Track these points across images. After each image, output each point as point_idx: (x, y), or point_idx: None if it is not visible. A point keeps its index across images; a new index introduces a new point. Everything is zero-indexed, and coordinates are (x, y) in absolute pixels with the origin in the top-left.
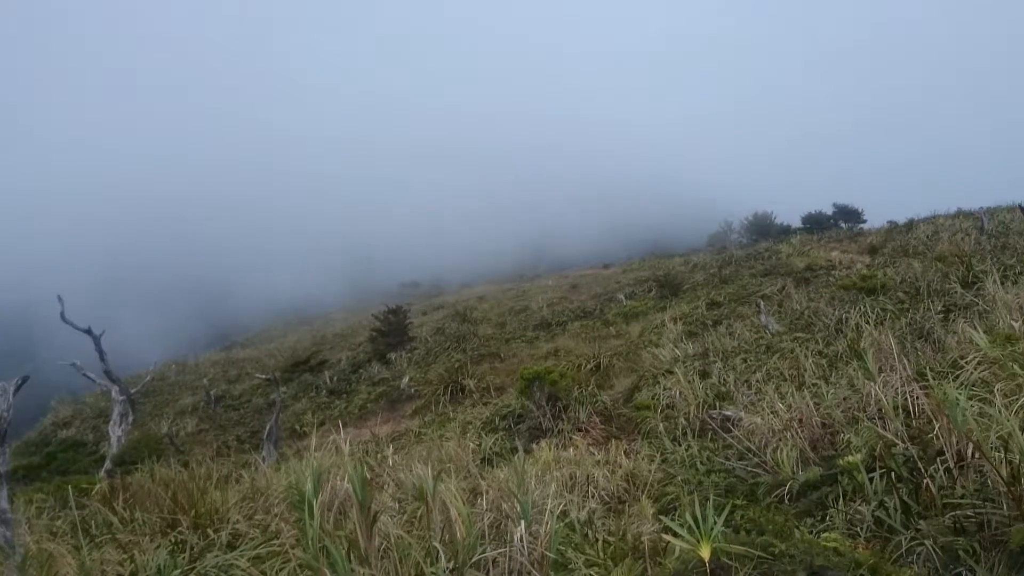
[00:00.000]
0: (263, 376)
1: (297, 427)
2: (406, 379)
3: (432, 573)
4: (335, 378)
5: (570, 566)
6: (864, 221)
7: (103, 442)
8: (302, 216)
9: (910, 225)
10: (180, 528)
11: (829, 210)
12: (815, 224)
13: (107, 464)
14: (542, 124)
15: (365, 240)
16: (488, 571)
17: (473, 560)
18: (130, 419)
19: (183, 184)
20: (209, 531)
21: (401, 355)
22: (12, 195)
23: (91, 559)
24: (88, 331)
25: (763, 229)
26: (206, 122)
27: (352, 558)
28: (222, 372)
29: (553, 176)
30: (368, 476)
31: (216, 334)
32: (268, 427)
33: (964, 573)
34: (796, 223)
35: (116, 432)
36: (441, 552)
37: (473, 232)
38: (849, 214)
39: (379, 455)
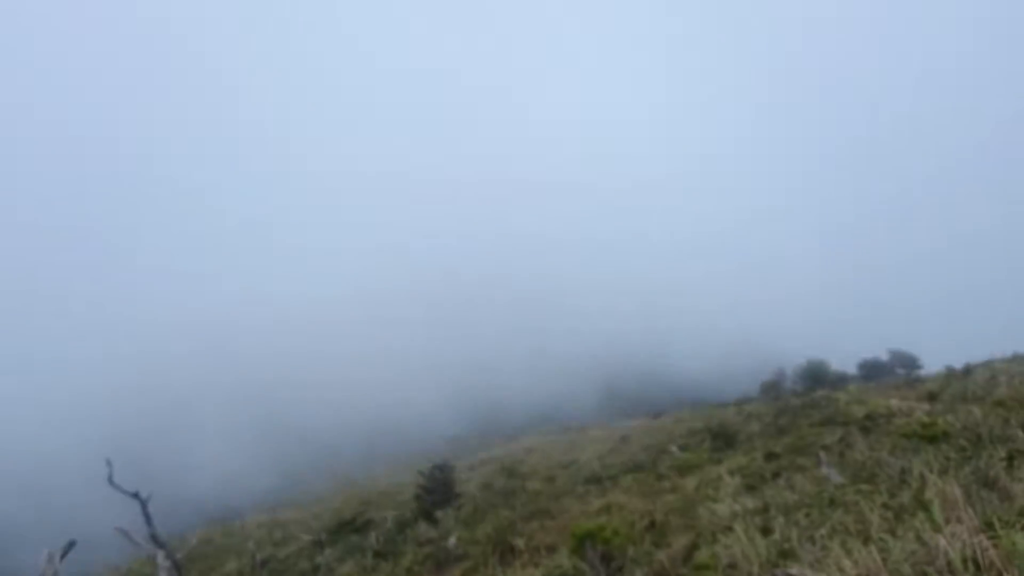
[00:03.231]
0: (308, 538)
1: None
2: (453, 539)
3: None
4: (381, 539)
5: None
6: (920, 367)
7: None
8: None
9: (967, 370)
10: None
11: (884, 355)
12: (871, 371)
13: None
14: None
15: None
16: None
17: None
18: None
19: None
20: None
21: (448, 513)
22: None
23: None
24: (135, 495)
25: (817, 377)
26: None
27: None
28: (267, 534)
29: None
30: None
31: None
32: None
33: None
34: (851, 370)
35: None
36: None
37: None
38: (905, 360)
39: None
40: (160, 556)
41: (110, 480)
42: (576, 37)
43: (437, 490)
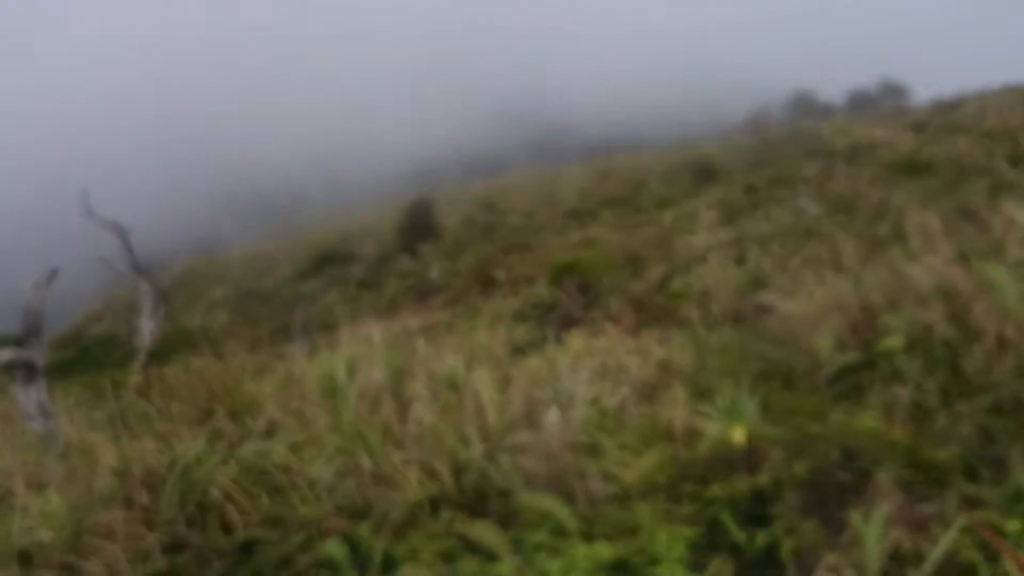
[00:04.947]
0: (292, 269)
1: (328, 320)
2: (435, 271)
3: (466, 457)
4: (364, 271)
5: (602, 450)
6: (910, 97)
7: (136, 336)
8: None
9: (957, 101)
10: (216, 418)
11: (873, 85)
12: (859, 101)
13: (141, 357)
14: None
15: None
16: (521, 455)
17: (506, 444)
18: (162, 312)
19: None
20: (246, 420)
21: (429, 247)
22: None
23: (130, 448)
24: (114, 225)
25: (804, 108)
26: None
27: (387, 443)
28: (252, 266)
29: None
30: (400, 366)
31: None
32: (299, 319)
33: (1001, 452)
34: (839, 100)
35: (148, 325)
36: (475, 437)
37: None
38: (894, 90)
39: (410, 345)
40: (144, 285)
41: (88, 210)
42: None
43: (418, 225)
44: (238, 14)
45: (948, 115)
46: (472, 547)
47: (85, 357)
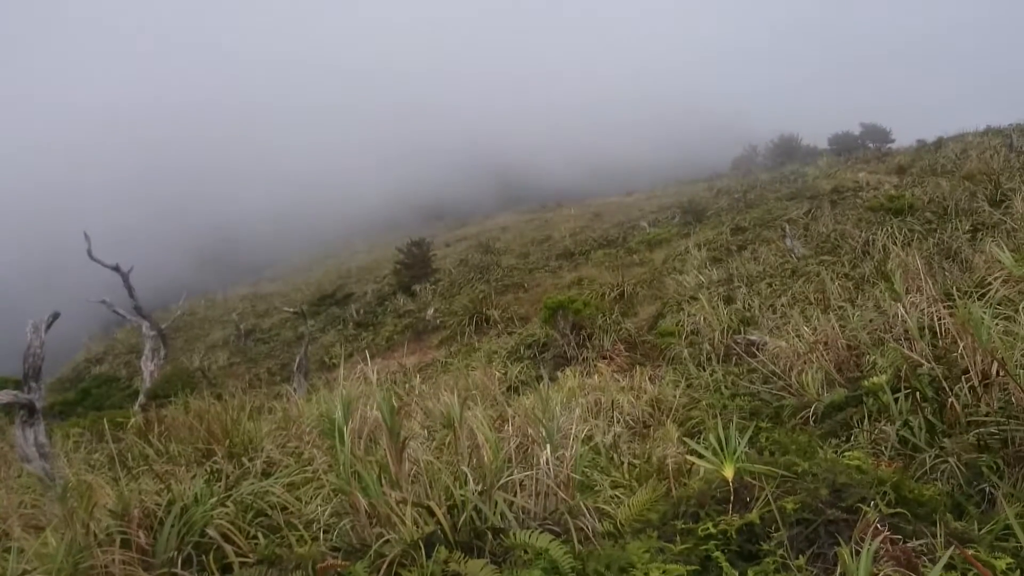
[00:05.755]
0: (291, 310)
1: (326, 359)
2: (431, 311)
3: (461, 496)
4: (361, 311)
5: (595, 488)
6: (892, 141)
7: (136, 377)
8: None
9: (938, 144)
10: (215, 458)
11: (856, 130)
12: (842, 145)
13: (141, 398)
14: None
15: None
16: (516, 493)
17: (500, 483)
18: (162, 354)
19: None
20: (244, 460)
21: (425, 287)
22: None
23: (129, 489)
24: (116, 268)
25: (789, 151)
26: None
27: (383, 482)
28: (251, 306)
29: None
30: (397, 404)
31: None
32: (298, 359)
33: (987, 489)
34: (823, 145)
35: (149, 367)
36: (469, 475)
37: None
38: (877, 134)
39: (407, 385)
40: (145, 326)
41: (89, 254)
42: None
43: (415, 265)
44: (222, 83)
45: (930, 157)
46: None
47: (85, 399)
